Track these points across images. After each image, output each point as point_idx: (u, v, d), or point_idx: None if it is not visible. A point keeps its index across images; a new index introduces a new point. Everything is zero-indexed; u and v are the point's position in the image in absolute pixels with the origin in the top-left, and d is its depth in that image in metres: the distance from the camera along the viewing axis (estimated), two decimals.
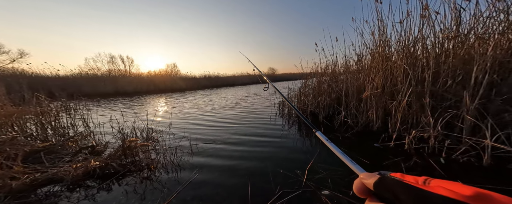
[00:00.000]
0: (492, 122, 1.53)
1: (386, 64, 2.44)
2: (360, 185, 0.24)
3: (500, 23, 1.78)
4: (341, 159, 0.37)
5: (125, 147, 1.85)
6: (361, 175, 0.25)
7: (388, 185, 0.21)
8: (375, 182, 0.22)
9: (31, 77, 12.42)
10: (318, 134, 0.51)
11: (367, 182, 0.23)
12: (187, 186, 1.48)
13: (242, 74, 24.36)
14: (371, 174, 0.24)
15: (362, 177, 0.25)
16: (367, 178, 0.24)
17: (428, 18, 2.05)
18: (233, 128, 3.08)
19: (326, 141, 0.45)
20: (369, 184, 0.23)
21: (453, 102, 1.88)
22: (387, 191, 0.21)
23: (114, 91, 13.20)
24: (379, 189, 0.22)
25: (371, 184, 0.22)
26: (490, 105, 1.65)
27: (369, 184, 0.23)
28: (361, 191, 0.24)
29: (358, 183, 0.25)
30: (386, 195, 0.21)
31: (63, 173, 1.57)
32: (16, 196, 1.37)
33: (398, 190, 0.19)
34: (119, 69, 20.36)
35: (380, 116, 2.51)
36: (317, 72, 3.86)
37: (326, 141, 0.45)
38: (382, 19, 2.47)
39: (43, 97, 3.05)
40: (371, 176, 0.23)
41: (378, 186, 0.22)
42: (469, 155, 1.62)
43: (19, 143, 1.90)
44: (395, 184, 0.20)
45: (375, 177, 0.23)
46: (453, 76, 1.90)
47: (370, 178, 0.23)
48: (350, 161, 0.35)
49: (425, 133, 1.87)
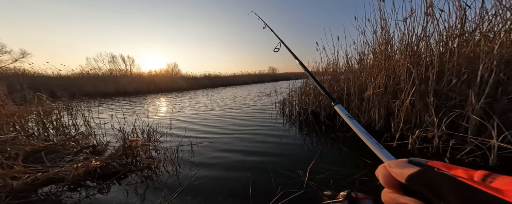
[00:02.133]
0: (498, 121, 1.50)
1: (389, 63, 2.41)
2: (387, 176, 0.19)
3: (506, 21, 1.75)
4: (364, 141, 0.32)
5: (126, 147, 1.84)
6: (388, 163, 0.20)
7: (433, 181, 0.15)
8: (412, 175, 0.17)
9: (33, 76, 12.52)
10: (337, 108, 0.46)
11: (396, 173, 0.18)
12: (188, 186, 1.47)
13: (242, 74, 24.38)
14: (401, 163, 0.19)
15: (389, 165, 0.20)
16: (396, 167, 0.19)
17: (432, 16, 2.01)
18: (233, 128, 3.07)
19: (346, 118, 0.40)
20: (399, 175, 0.18)
21: (458, 101, 1.85)
22: (428, 187, 0.15)
23: (115, 91, 13.25)
24: (417, 184, 0.16)
25: (405, 176, 0.17)
26: (496, 104, 1.62)
27: (400, 175, 0.18)
28: (389, 182, 0.19)
29: (385, 173, 0.20)
30: (424, 191, 0.16)
31: (64, 172, 1.57)
32: (17, 195, 1.37)
33: (449, 189, 0.14)
34: (120, 68, 20.46)
35: (383, 116, 2.48)
36: (318, 71, 3.83)
37: (346, 117, 0.40)
38: (384, 17, 2.44)
39: (45, 96, 3.05)
40: (403, 165, 0.19)
41: (416, 180, 0.16)
42: (475, 155, 1.59)
43: (20, 143, 1.90)
44: (445, 180, 0.14)
45: (409, 167, 0.18)
46: (458, 74, 1.86)
47: (401, 167, 0.18)
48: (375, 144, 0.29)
49: (429, 133, 1.84)
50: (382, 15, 2.45)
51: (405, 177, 0.17)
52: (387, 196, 0.19)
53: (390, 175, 0.19)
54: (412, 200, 0.17)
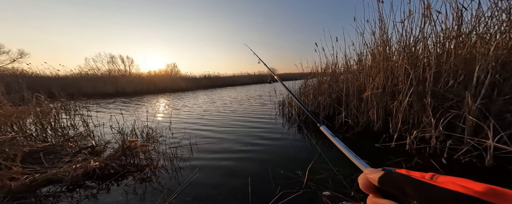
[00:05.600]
0: (494, 122, 1.51)
1: (387, 63, 2.43)
2: (365, 181, 0.24)
3: (502, 23, 1.77)
4: (346, 154, 0.37)
5: (125, 147, 1.84)
6: (365, 170, 0.25)
7: (394, 180, 0.20)
8: (380, 177, 0.22)
9: (31, 77, 12.41)
10: (322, 128, 0.50)
11: (371, 178, 0.23)
12: (187, 187, 1.47)
13: (242, 74, 24.38)
14: (375, 170, 0.24)
15: (366, 172, 0.24)
16: (371, 173, 0.23)
17: (429, 17, 2.04)
18: (233, 128, 3.07)
19: (330, 136, 0.45)
20: (373, 179, 0.22)
21: (455, 102, 1.87)
22: (392, 187, 0.20)
23: (114, 91, 13.20)
24: (384, 184, 0.21)
25: (376, 179, 0.22)
26: (492, 105, 1.64)
27: (374, 179, 0.22)
28: (366, 186, 0.24)
29: (363, 178, 0.24)
30: (392, 190, 0.20)
31: (63, 173, 1.56)
32: (16, 196, 1.36)
33: (405, 185, 0.19)
34: (119, 69, 20.33)
35: (381, 116, 2.50)
36: (317, 72, 3.85)
37: (330, 135, 0.45)
38: (383, 18, 2.46)
39: (43, 97, 3.04)
40: (376, 171, 0.23)
41: (383, 181, 0.21)
42: (471, 156, 1.61)
43: (19, 144, 1.89)
44: (402, 179, 0.19)
45: (380, 172, 0.22)
46: (455, 76, 1.89)
47: (374, 173, 0.23)
48: (354, 156, 0.34)
49: (426, 134, 1.86)
50: (381, 16, 2.47)
51: (376, 179, 0.22)
52: (370, 201, 0.23)
53: (368, 180, 0.24)
54: (387, 201, 0.21)
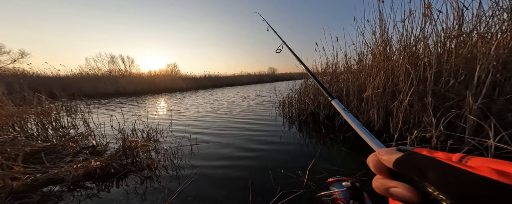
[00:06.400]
0: (495, 122, 1.51)
1: (388, 63, 2.42)
2: (376, 162, 0.22)
3: (503, 22, 1.76)
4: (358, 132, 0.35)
5: (126, 147, 1.85)
6: (378, 151, 0.22)
7: (415, 163, 0.17)
8: (398, 159, 0.19)
9: (32, 77, 12.48)
10: (334, 103, 0.49)
11: (385, 159, 0.20)
12: (188, 186, 1.47)
13: (242, 74, 24.38)
14: (390, 150, 0.21)
15: (379, 153, 0.22)
16: (385, 154, 0.21)
17: (430, 17, 2.03)
18: (233, 128, 3.07)
19: (342, 111, 0.43)
20: (387, 161, 0.20)
21: (456, 101, 1.86)
22: (412, 169, 0.17)
23: (114, 91, 13.22)
24: (402, 167, 0.18)
25: (392, 161, 0.19)
26: (493, 105, 1.63)
27: (388, 161, 0.20)
28: (378, 168, 0.21)
29: (374, 160, 0.22)
30: (409, 173, 0.17)
31: (64, 173, 1.57)
32: (17, 196, 1.37)
33: (429, 168, 0.15)
34: (119, 69, 20.37)
35: (382, 116, 2.49)
36: (318, 72, 3.84)
37: (342, 111, 0.43)
38: (383, 18, 2.46)
39: (44, 97, 3.05)
40: (390, 152, 0.20)
41: (401, 163, 0.18)
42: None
43: (20, 143, 1.90)
44: (426, 161, 0.16)
45: (395, 153, 0.20)
46: (456, 75, 1.88)
47: (389, 154, 0.20)
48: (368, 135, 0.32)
49: (427, 133, 1.85)
50: (381, 16, 2.47)
51: (392, 162, 0.19)
52: (377, 182, 0.20)
53: (379, 162, 0.21)
54: (399, 184, 0.18)
